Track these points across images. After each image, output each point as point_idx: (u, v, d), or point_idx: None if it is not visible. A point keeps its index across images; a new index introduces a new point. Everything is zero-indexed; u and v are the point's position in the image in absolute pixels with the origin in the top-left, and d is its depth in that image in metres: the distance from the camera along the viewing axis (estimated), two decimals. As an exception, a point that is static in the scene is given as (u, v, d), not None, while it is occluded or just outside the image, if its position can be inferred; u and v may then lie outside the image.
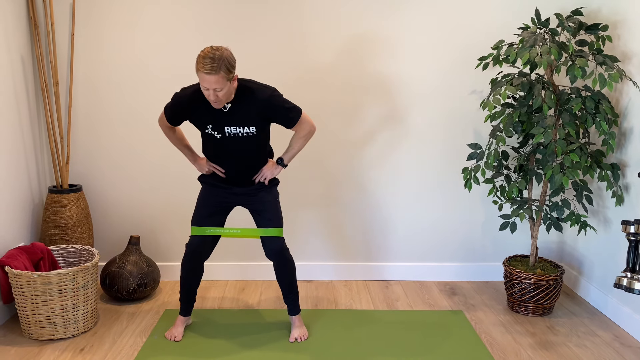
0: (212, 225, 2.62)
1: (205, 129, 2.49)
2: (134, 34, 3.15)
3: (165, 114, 2.55)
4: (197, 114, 2.47)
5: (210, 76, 2.24)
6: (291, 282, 2.67)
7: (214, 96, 2.31)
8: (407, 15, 3.18)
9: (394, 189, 3.37)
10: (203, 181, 2.68)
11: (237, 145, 2.51)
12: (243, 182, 2.62)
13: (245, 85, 2.44)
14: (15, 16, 2.93)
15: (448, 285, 3.40)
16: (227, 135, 2.48)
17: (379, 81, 3.24)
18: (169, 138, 2.68)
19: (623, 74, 2.68)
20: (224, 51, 2.27)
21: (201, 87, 2.31)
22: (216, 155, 2.57)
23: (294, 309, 2.72)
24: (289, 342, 2.65)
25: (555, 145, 2.72)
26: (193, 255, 2.61)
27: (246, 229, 2.61)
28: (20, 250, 2.73)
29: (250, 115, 2.44)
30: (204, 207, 2.63)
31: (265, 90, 2.44)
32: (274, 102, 2.44)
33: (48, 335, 2.62)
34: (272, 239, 2.59)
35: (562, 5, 3.20)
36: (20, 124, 2.97)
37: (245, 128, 2.46)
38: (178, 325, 2.71)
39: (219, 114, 2.45)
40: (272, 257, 2.61)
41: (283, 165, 2.65)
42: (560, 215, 2.88)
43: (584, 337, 2.75)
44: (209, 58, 2.23)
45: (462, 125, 3.31)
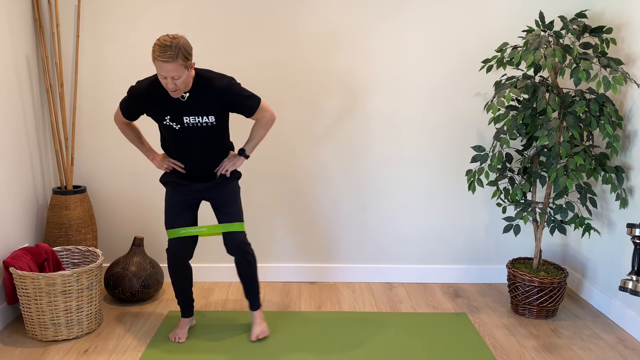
0: (185, 223, 2.60)
1: (163, 120, 2.47)
2: (138, 35, 3.15)
3: (120, 108, 2.54)
4: (155, 105, 2.45)
5: (168, 64, 2.23)
6: (252, 277, 2.65)
7: (172, 84, 2.30)
8: (410, 17, 3.18)
9: (397, 190, 3.37)
10: (165, 182, 2.65)
11: (197, 136, 2.48)
12: (204, 176, 2.60)
13: (203, 74, 2.43)
14: (20, 17, 2.94)
15: (451, 287, 3.40)
16: (185, 125, 2.46)
17: (383, 83, 3.24)
18: (124, 134, 2.65)
19: (627, 76, 2.68)
20: (180, 39, 2.26)
21: (159, 76, 2.29)
22: (175, 148, 2.55)
23: (255, 304, 2.72)
24: (251, 340, 2.65)
25: (559, 147, 2.71)
26: (175, 258, 2.59)
27: (211, 226, 2.58)
28: (24, 251, 2.74)
29: (208, 104, 2.43)
30: (173, 208, 2.60)
31: (223, 79, 2.44)
32: (232, 90, 2.43)
33: (52, 336, 2.63)
34: (232, 234, 2.56)
35: (566, 8, 3.20)
36: (25, 125, 2.98)
37: (204, 117, 2.45)
38: (182, 327, 2.71)
39: (177, 104, 2.43)
40: (233, 252, 2.59)
41: (245, 156, 2.62)
42: (564, 217, 2.88)
43: (587, 340, 2.74)
44: (166, 46, 2.22)
45: (466, 127, 3.31)
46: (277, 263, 3.43)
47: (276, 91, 3.23)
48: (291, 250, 3.42)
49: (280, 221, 3.38)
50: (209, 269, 3.41)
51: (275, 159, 3.31)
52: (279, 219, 3.38)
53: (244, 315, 2.95)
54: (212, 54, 3.18)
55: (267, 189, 3.35)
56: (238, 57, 3.19)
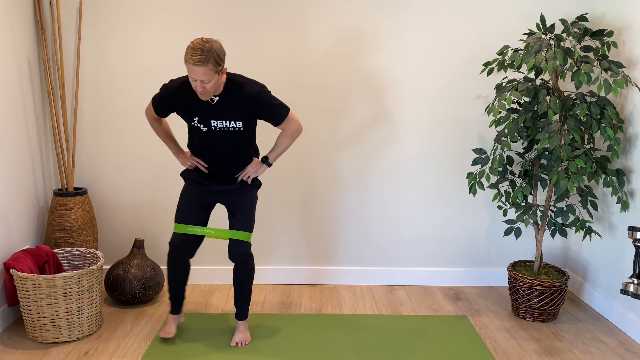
0: (195, 222, 2.60)
1: (191, 121, 2.48)
2: (140, 38, 3.16)
3: (152, 104, 2.55)
4: (184, 105, 2.46)
5: (198, 67, 2.24)
6: (247, 287, 2.65)
7: (201, 88, 2.30)
8: (411, 20, 3.18)
9: (398, 193, 3.37)
10: (185, 177, 2.66)
11: (222, 140, 2.49)
12: (225, 179, 2.60)
13: (234, 79, 2.43)
14: (22, 20, 2.94)
15: (452, 290, 3.40)
16: (212, 129, 2.47)
17: (384, 85, 3.25)
18: (154, 129, 2.67)
19: (628, 79, 2.68)
20: (214, 43, 2.27)
21: (189, 78, 2.30)
22: (201, 149, 2.56)
23: (242, 314, 2.70)
24: (230, 345, 2.64)
25: (560, 150, 2.71)
26: (176, 252, 2.60)
27: (219, 229, 2.59)
28: (25, 253, 2.74)
29: (237, 109, 2.43)
30: (186, 204, 2.61)
31: (254, 86, 2.44)
32: (262, 97, 2.43)
33: (53, 338, 2.63)
34: (237, 242, 2.57)
35: (567, 11, 3.20)
36: (26, 127, 2.98)
37: (231, 122, 2.45)
38: (170, 324, 2.71)
39: (206, 106, 2.44)
40: (234, 260, 2.59)
41: (268, 164, 2.63)
42: (565, 220, 2.88)
43: (589, 343, 2.74)
44: (198, 49, 2.23)
45: (466, 130, 3.31)
46: (278, 265, 3.43)
47: (277, 93, 3.23)
48: (292, 253, 3.42)
49: (281, 224, 3.38)
50: (209, 272, 3.41)
51: (276, 163, 3.31)
52: (280, 221, 3.38)
53: (244, 318, 2.95)
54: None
55: (268, 191, 3.35)
56: (240, 58, 3.19)
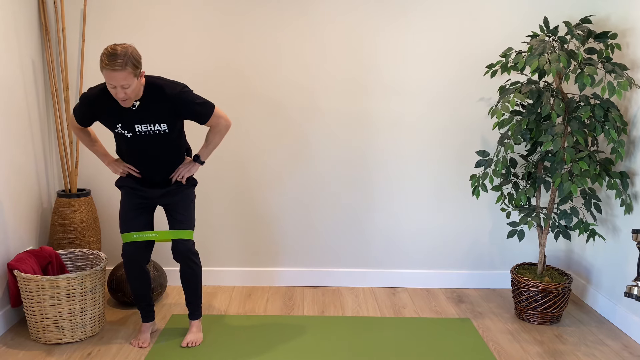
0: (140, 227, 2.59)
1: (115, 128, 2.46)
2: (143, 39, 3.17)
3: (74, 115, 2.53)
4: (106, 113, 2.43)
5: (117, 73, 2.21)
6: (196, 286, 2.64)
7: (122, 94, 2.27)
8: (414, 22, 3.18)
9: (401, 195, 3.37)
10: (120, 186, 2.64)
11: (150, 144, 2.48)
12: (159, 181, 2.59)
13: (154, 82, 2.41)
14: (26, 21, 2.95)
15: (455, 292, 3.39)
16: (137, 133, 2.45)
17: (387, 87, 3.25)
18: (80, 140, 2.64)
19: (632, 82, 2.67)
20: (129, 47, 2.24)
21: (108, 85, 2.26)
22: (129, 154, 2.54)
23: (195, 313, 2.70)
24: (181, 346, 2.63)
25: (564, 153, 2.71)
26: (130, 262, 2.58)
27: (162, 232, 2.58)
28: (28, 254, 2.74)
29: (160, 112, 2.41)
30: (127, 212, 2.59)
31: (175, 86, 2.41)
32: (184, 97, 2.41)
33: (55, 339, 2.63)
34: (180, 242, 2.56)
35: (571, 13, 3.20)
36: (30, 128, 2.99)
37: (156, 125, 2.43)
38: (144, 332, 2.70)
39: (128, 112, 2.41)
40: (178, 259, 2.58)
41: (200, 162, 2.61)
42: (568, 223, 2.87)
43: (592, 346, 2.73)
44: (114, 55, 2.20)
45: (470, 132, 3.31)
46: (281, 267, 3.43)
47: (277, 94, 3.23)
48: (294, 255, 3.42)
49: (283, 226, 3.38)
50: (212, 273, 3.41)
51: (277, 163, 3.31)
52: (282, 224, 3.38)
53: (247, 320, 2.94)
54: (215, 57, 3.19)
55: (269, 194, 3.35)
56: (242, 60, 3.20)
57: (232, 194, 3.34)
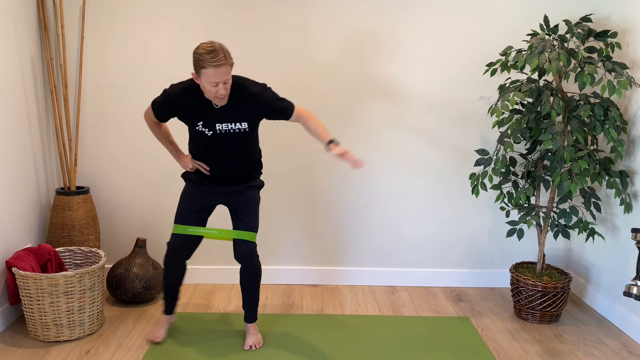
0: (195, 223, 2.57)
1: (195, 125, 2.46)
2: (143, 37, 3.16)
3: (153, 109, 2.51)
4: (187, 110, 2.44)
5: (222, 68, 2.22)
6: (255, 289, 2.62)
7: (223, 90, 2.27)
8: (414, 21, 3.18)
9: (400, 193, 3.36)
10: (187, 178, 2.63)
11: (227, 143, 2.47)
12: (228, 180, 2.58)
13: (237, 81, 2.41)
14: (25, 19, 2.95)
15: (454, 291, 3.39)
16: (218, 132, 2.44)
17: (386, 86, 3.24)
18: (154, 133, 2.63)
19: (632, 81, 2.67)
20: (220, 43, 2.26)
21: (207, 84, 2.27)
22: (204, 152, 2.53)
23: (252, 316, 2.68)
24: (244, 349, 2.61)
25: (563, 152, 2.71)
26: (174, 253, 2.57)
27: (222, 230, 2.57)
28: (27, 251, 2.74)
29: (242, 111, 2.42)
30: (187, 205, 2.58)
31: (257, 86, 2.43)
32: (267, 96, 2.43)
33: (54, 337, 2.63)
34: (243, 243, 2.54)
35: (571, 12, 3.19)
36: (29, 125, 2.99)
37: (237, 124, 2.43)
38: (161, 325, 2.68)
39: (210, 110, 2.41)
40: (241, 261, 2.56)
41: (336, 143, 2.44)
42: (568, 222, 2.87)
43: (591, 345, 2.73)
44: (215, 51, 2.21)
45: (469, 131, 3.30)
46: (280, 265, 3.43)
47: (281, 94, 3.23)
48: (294, 253, 3.42)
49: (283, 224, 3.38)
50: (211, 271, 3.41)
51: (277, 162, 3.31)
52: (282, 221, 3.38)
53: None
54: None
55: (269, 192, 3.34)
56: (245, 60, 3.19)
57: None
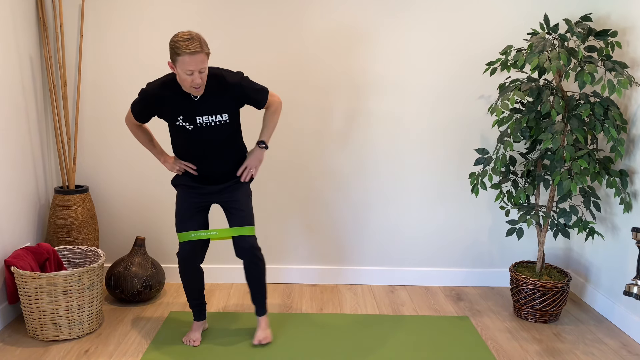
0: (196, 227, 2.56)
1: (175, 121, 2.44)
2: (142, 35, 3.15)
3: (132, 110, 2.50)
4: (167, 106, 2.42)
5: (197, 55, 2.21)
6: (261, 282, 2.61)
7: (199, 79, 2.27)
8: (413, 19, 3.17)
9: (400, 192, 3.36)
10: (177, 184, 2.62)
11: (210, 136, 2.46)
12: (216, 178, 2.56)
13: (213, 72, 2.40)
14: (24, 17, 2.94)
15: (454, 290, 3.39)
16: (199, 125, 2.43)
17: (386, 85, 3.24)
18: (136, 137, 2.62)
19: (632, 80, 2.67)
20: (197, 32, 2.26)
21: (182, 73, 2.25)
22: (188, 149, 2.51)
23: (262, 310, 2.68)
24: (253, 344, 2.62)
25: (563, 151, 2.70)
26: (186, 262, 2.55)
27: (222, 229, 2.55)
28: (26, 250, 2.73)
29: (221, 102, 2.41)
30: (184, 211, 2.56)
31: (235, 75, 2.43)
32: (245, 84, 2.44)
33: (53, 336, 2.62)
34: (243, 238, 2.52)
35: (571, 11, 3.19)
36: (27, 124, 2.98)
37: (217, 116, 2.42)
38: (195, 330, 2.68)
39: (190, 103, 2.40)
40: (243, 256, 2.54)
41: (265, 147, 2.59)
42: (567, 221, 2.87)
43: (591, 344, 2.73)
44: (190, 38, 2.21)
45: (469, 130, 3.30)
46: (279, 265, 3.42)
47: (276, 91, 3.22)
48: (293, 252, 3.41)
49: (282, 223, 3.37)
50: (210, 270, 3.40)
51: (276, 161, 3.30)
52: (281, 221, 3.37)
53: (245, 317, 2.94)
54: (216, 55, 3.17)
55: (268, 191, 3.34)
56: (243, 58, 3.19)
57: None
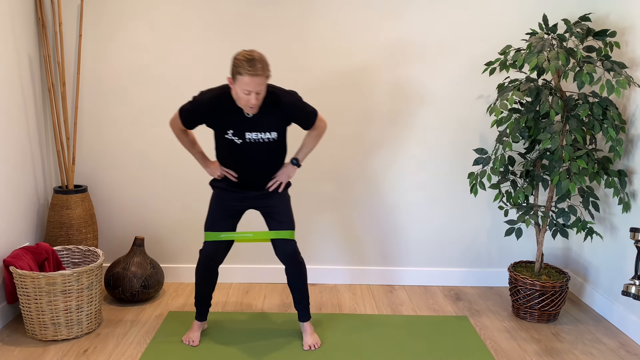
0: (226, 229, 2.56)
1: (224, 134, 2.45)
2: (141, 35, 3.15)
3: (180, 116, 2.49)
4: (218, 119, 2.43)
5: (257, 78, 2.22)
6: (303, 286, 2.61)
7: (254, 100, 2.28)
8: (412, 19, 3.17)
9: (399, 193, 3.36)
10: (215, 185, 2.63)
11: (257, 151, 2.48)
12: (256, 186, 2.58)
13: (268, 90, 2.41)
14: (23, 17, 2.94)
15: (453, 290, 3.39)
16: (247, 141, 2.45)
17: (385, 85, 3.24)
18: (180, 141, 2.63)
19: (631, 80, 2.67)
20: (261, 54, 2.26)
21: (241, 91, 2.26)
22: (232, 160, 2.53)
23: (305, 314, 2.67)
24: (303, 350, 2.59)
25: (562, 151, 2.70)
26: (207, 261, 2.56)
27: (258, 232, 2.57)
28: (25, 250, 2.73)
29: (272, 120, 2.43)
30: (216, 212, 2.57)
31: (288, 96, 2.45)
32: (298, 105, 2.46)
33: (52, 336, 2.62)
34: (284, 242, 2.53)
35: (570, 11, 3.19)
36: (26, 124, 2.98)
37: (266, 134, 2.44)
38: (195, 330, 2.68)
39: (241, 119, 2.41)
40: (285, 261, 2.56)
41: (298, 165, 2.62)
42: (566, 221, 2.87)
43: (589, 344, 2.73)
44: (254, 60, 2.21)
45: (468, 130, 3.30)
46: (278, 264, 3.42)
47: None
48: (292, 252, 3.41)
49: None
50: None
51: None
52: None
53: (243, 317, 2.94)
54: (216, 55, 3.17)
55: (269, 190, 3.34)
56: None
57: (229, 191, 3.33)
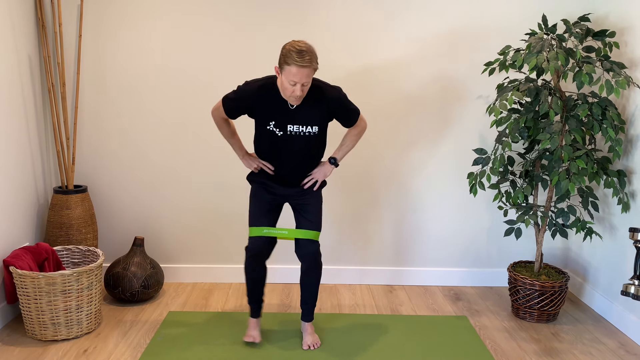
0: (269, 224, 2.55)
1: (266, 124, 2.44)
2: (141, 35, 3.15)
3: (223, 105, 2.47)
4: (262, 109, 2.42)
5: (305, 69, 2.22)
6: (316, 287, 2.61)
7: (300, 91, 2.27)
8: (412, 19, 3.18)
9: (398, 193, 3.36)
10: (252, 180, 2.62)
11: (296, 144, 2.47)
12: (293, 181, 2.57)
13: (313, 83, 2.40)
14: (23, 17, 2.94)
15: (452, 290, 3.39)
16: (288, 133, 2.44)
17: (384, 85, 3.24)
18: (220, 130, 2.61)
19: (630, 80, 2.67)
20: (310, 45, 2.26)
21: (287, 82, 2.26)
22: (271, 152, 2.52)
23: (309, 315, 2.67)
24: (303, 349, 2.60)
25: (561, 151, 2.71)
26: (255, 257, 2.53)
27: (291, 230, 2.54)
28: (25, 250, 2.73)
29: (315, 114, 2.42)
30: (258, 206, 2.56)
31: (333, 90, 2.44)
32: (342, 101, 2.46)
33: (52, 336, 2.62)
34: (308, 242, 2.53)
35: (569, 12, 3.20)
36: (26, 124, 2.98)
37: (308, 127, 2.44)
38: (253, 328, 2.67)
39: (285, 111, 2.40)
40: (305, 260, 2.54)
41: (335, 165, 2.61)
42: (565, 221, 2.87)
43: (589, 344, 2.73)
44: (303, 51, 2.21)
45: (467, 130, 3.31)
46: (278, 264, 3.43)
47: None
48: (292, 252, 3.41)
49: (280, 223, 3.37)
50: (209, 270, 3.41)
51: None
52: (279, 221, 3.37)
53: (242, 317, 2.94)
54: (216, 55, 3.18)
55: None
56: (242, 56, 3.19)
57: (229, 191, 3.33)
